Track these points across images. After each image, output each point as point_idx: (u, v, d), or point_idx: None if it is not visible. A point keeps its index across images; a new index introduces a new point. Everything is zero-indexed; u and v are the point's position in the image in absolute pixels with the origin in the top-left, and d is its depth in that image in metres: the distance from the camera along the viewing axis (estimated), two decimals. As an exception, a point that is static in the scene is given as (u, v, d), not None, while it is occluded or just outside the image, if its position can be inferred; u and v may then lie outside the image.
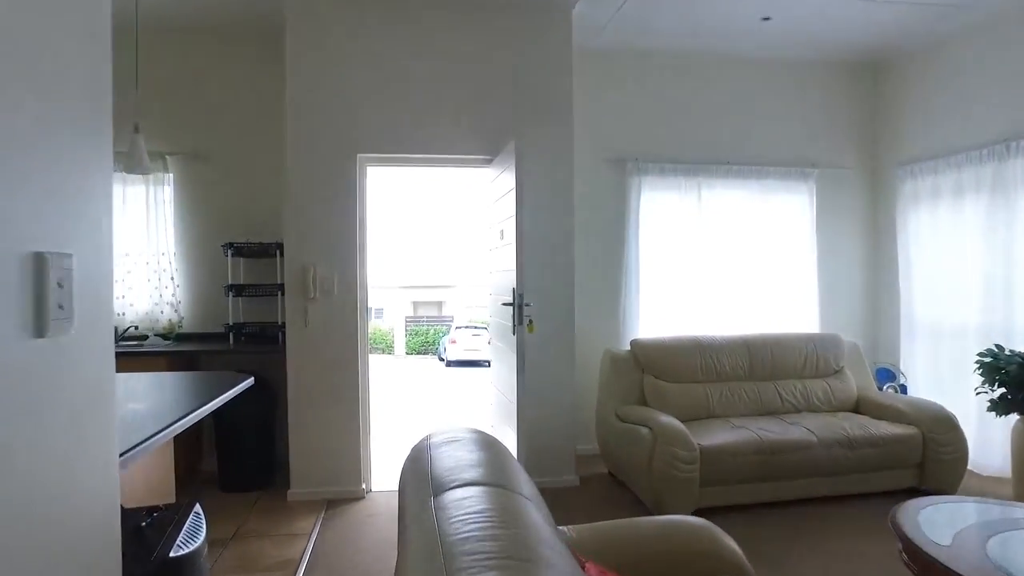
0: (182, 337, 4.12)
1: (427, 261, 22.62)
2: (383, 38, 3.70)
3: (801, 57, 4.78)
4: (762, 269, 4.80)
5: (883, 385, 4.54)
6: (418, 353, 21.54)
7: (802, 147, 4.89)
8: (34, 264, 0.82)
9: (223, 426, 3.77)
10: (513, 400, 3.51)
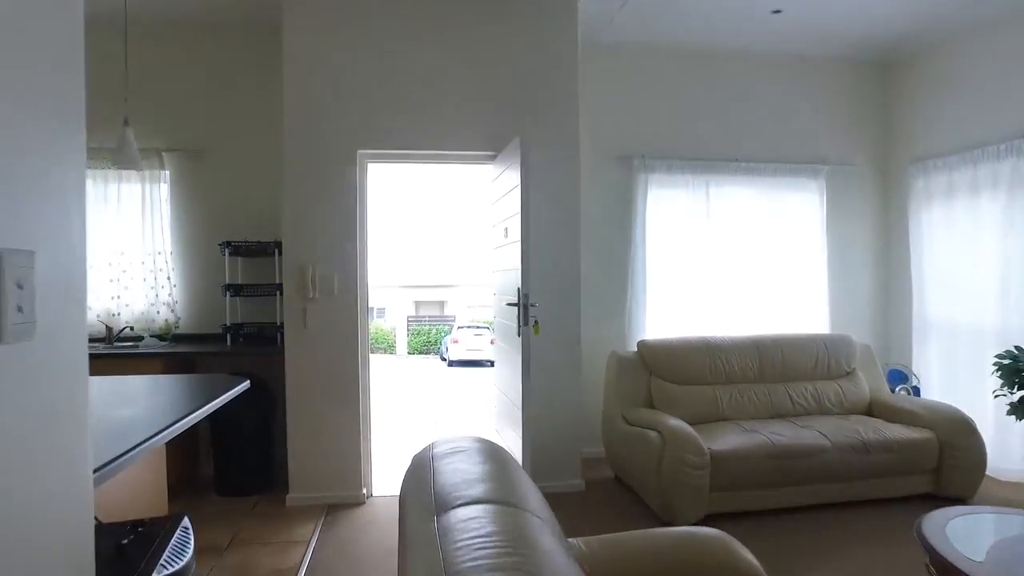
0: (179, 338, 4.03)
1: (429, 261, 22.57)
2: (384, 30, 3.61)
3: (811, 51, 4.67)
4: (771, 268, 4.70)
5: (895, 387, 4.43)
6: (420, 353, 21.47)
7: (812, 144, 4.79)
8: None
9: (220, 429, 3.68)
10: (517, 402, 3.42)
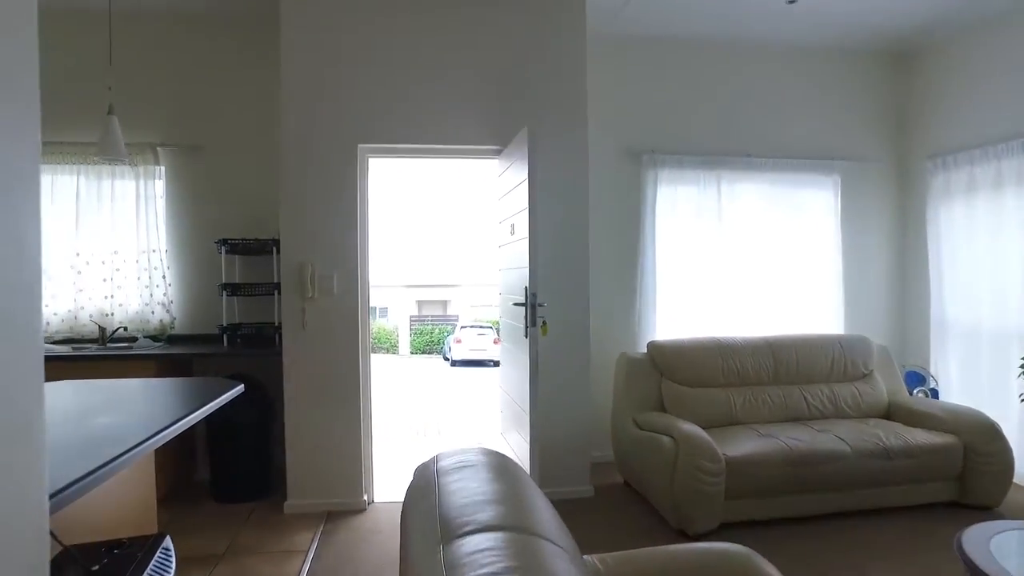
0: (174, 339, 3.91)
1: (432, 260, 22.46)
2: (385, 21, 3.48)
3: (826, 44, 4.53)
4: (785, 266, 4.56)
5: (912, 389, 4.29)
6: (423, 353, 21.38)
7: (826, 139, 4.64)
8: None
9: (217, 433, 3.56)
10: (524, 406, 3.29)
